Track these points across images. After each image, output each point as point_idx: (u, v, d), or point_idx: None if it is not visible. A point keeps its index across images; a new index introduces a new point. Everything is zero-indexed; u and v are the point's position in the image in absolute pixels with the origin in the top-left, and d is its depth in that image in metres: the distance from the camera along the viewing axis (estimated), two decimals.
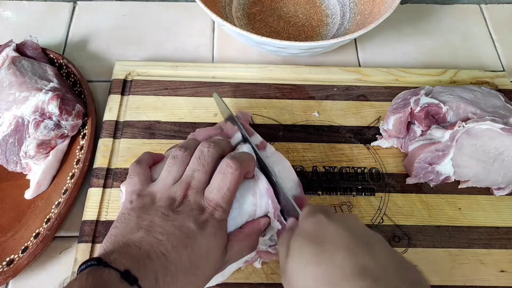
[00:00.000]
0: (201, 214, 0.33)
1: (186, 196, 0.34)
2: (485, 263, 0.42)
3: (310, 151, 0.48)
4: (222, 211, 0.33)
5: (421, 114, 0.45)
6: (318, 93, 0.52)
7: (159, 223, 0.31)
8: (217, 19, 0.47)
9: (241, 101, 0.51)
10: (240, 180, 0.35)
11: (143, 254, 0.29)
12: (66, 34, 0.60)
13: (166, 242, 0.30)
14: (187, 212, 0.32)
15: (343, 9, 0.61)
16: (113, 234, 0.31)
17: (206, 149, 0.36)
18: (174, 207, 0.33)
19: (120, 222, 0.32)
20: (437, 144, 0.43)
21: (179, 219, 0.32)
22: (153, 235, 0.30)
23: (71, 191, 0.43)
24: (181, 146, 0.37)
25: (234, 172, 0.34)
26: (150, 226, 0.31)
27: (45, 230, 0.41)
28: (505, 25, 0.63)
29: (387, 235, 0.43)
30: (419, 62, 0.58)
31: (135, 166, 0.36)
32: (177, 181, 0.35)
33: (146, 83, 0.52)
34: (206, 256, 0.32)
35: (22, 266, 0.40)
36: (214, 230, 0.33)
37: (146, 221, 0.31)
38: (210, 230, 0.32)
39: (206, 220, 0.33)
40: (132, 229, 0.31)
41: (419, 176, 0.45)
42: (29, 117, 0.43)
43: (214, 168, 0.35)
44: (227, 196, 0.34)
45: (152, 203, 0.33)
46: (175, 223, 0.32)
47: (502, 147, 0.42)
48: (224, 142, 0.39)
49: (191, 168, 0.35)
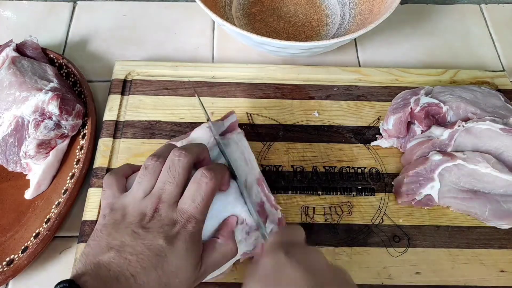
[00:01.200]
0: (172, 228, 0.32)
1: (157, 210, 0.33)
2: (485, 263, 0.42)
3: (310, 151, 0.48)
4: (195, 223, 0.33)
5: (421, 114, 0.45)
6: (318, 93, 0.52)
7: (129, 243, 0.31)
8: (217, 19, 0.47)
9: (241, 101, 0.51)
10: (214, 191, 0.34)
11: (112, 276, 0.29)
12: (66, 34, 0.60)
13: (135, 263, 0.30)
14: (157, 229, 0.32)
15: (343, 9, 0.61)
16: (85, 253, 0.31)
17: (177, 158, 0.34)
18: (145, 223, 0.32)
19: (93, 240, 0.32)
20: (435, 140, 0.43)
21: (149, 237, 0.31)
22: (123, 256, 0.30)
23: (71, 191, 0.43)
24: (154, 154, 0.36)
25: (209, 182, 0.33)
26: (120, 246, 0.31)
27: (45, 230, 0.41)
28: (505, 25, 0.63)
29: (387, 235, 0.43)
30: (419, 62, 0.58)
31: (108, 177, 0.36)
32: (148, 193, 0.34)
33: (146, 83, 0.52)
34: (176, 273, 0.31)
35: (22, 266, 0.40)
36: (186, 245, 0.32)
37: (116, 240, 0.31)
38: (181, 246, 0.32)
39: (177, 233, 0.32)
40: (103, 249, 0.31)
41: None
42: (29, 117, 0.43)
43: (186, 178, 0.34)
44: (201, 206, 0.33)
45: (123, 218, 0.33)
46: (144, 241, 0.31)
47: (502, 147, 0.42)
48: (197, 147, 0.37)
49: (161, 180, 0.34)
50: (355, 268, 0.41)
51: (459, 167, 0.42)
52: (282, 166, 0.47)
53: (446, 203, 0.43)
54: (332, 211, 0.44)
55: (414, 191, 0.43)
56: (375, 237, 0.43)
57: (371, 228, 0.44)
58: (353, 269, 0.41)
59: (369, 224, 0.44)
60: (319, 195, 0.45)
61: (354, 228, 0.44)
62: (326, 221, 0.44)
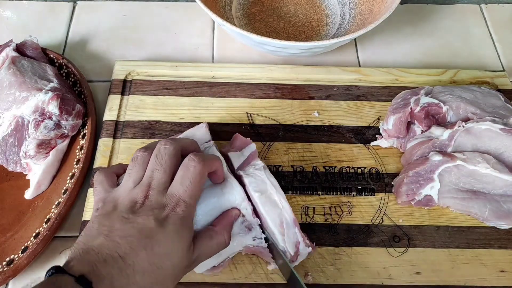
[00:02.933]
0: (162, 211, 0.32)
1: (147, 197, 0.33)
2: (485, 263, 0.42)
3: (310, 151, 0.48)
4: (185, 206, 0.33)
5: (421, 114, 0.45)
6: (318, 93, 0.52)
7: (119, 227, 0.31)
8: (217, 19, 0.47)
9: (241, 101, 0.51)
10: (203, 175, 0.35)
11: (99, 258, 0.29)
12: (66, 34, 0.60)
13: (124, 244, 0.30)
14: (147, 212, 0.32)
15: (343, 9, 0.61)
16: (76, 242, 0.31)
17: (163, 146, 0.35)
18: (136, 209, 0.32)
19: (85, 230, 0.32)
20: (435, 140, 0.43)
21: (139, 220, 0.32)
22: (112, 239, 0.30)
23: (71, 191, 0.43)
24: (142, 147, 0.37)
25: (196, 165, 0.34)
26: (110, 231, 0.31)
27: (45, 230, 0.41)
28: (505, 25, 0.63)
29: (387, 235, 0.43)
30: (419, 62, 0.58)
31: (98, 175, 0.36)
32: (138, 183, 0.34)
33: (146, 83, 0.52)
34: (168, 255, 0.32)
35: (22, 266, 0.40)
36: (176, 227, 0.32)
37: (106, 226, 0.31)
38: (171, 228, 0.32)
39: (167, 216, 0.32)
40: (93, 236, 0.31)
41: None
42: (29, 117, 0.43)
43: (175, 166, 0.35)
44: (189, 189, 0.33)
45: (114, 208, 0.33)
46: (134, 224, 0.31)
47: (502, 148, 0.42)
48: (185, 140, 0.38)
49: (150, 168, 0.35)
50: (355, 268, 0.41)
51: (459, 167, 0.42)
52: (282, 166, 0.47)
53: (446, 203, 0.43)
54: (332, 211, 0.44)
55: (413, 191, 0.43)
56: (375, 237, 0.43)
57: (371, 228, 0.44)
58: (353, 269, 0.41)
59: (369, 224, 0.44)
60: (319, 195, 0.45)
61: (354, 228, 0.44)
62: (326, 221, 0.44)
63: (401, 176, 0.45)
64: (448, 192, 0.43)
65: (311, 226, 0.43)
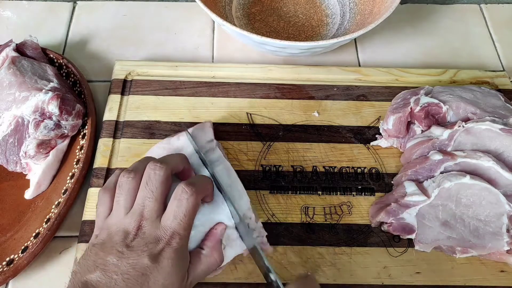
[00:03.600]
0: (156, 245, 0.32)
1: (140, 227, 0.33)
2: (485, 263, 0.42)
3: (310, 151, 0.48)
4: (179, 238, 0.33)
5: (421, 114, 0.45)
6: (318, 93, 0.52)
7: (114, 262, 0.31)
8: (217, 19, 0.47)
9: (241, 101, 0.51)
10: (197, 206, 0.34)
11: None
12: (66, 34, 0.60)
13: (121, 282, 0.30)
14: (142, 247, 0.32)
15: (343, 9, 0.61)
16: (74, 271, 0.32)
17: (153, 172, 0.34)
18: (128, 241, 0.32)
19: (83, 259, 0.32)
20: (435, 140, 0.43)
21: (133, 256, 0.31)
22: (108, 275, 0.30)
23: (71, 191, 0.43)
24: (126, 170, 0.35)
25: (189, 198, 0.33)
26: (105, 265, 0.31)
27: (45, 230, 0.41)
28: (505, 25, 0.63)
29: (387, 235, 0.43)
30: (419, 62, 0.58)
31: (102, 193, 0.35)
32: (130, 209, 0.34)
33: (146, 83, 0.52)
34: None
35: (22, 266, 0.40)
36: (171, 261, 0.32)
37: (101, 259, 0.31)
38: (166, 263, 0.32)
39: (162, 250, 0.32)
40: (90, 268, 0.31)
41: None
42: (29, 117, 0.43)
43: (166, 191, 0.34)
44: (184, 222, 0.33)
45: (109, 238, 0.33)
46: (129, 261, 0.31)
47: (501, 148, 0.42)
48: (174, 158, 0.37)
49: (141, 196, 0.34)
50: (355, 268, 0.41)
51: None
52: (282, 166, 0.47)
53: None
54: (332, 211, 0.44)
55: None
56: (375, 237, 0.43)
57: (371, 228, 0.44)
58: (353, 269, 0.41)
59: (369, 224, 0.44)
60: (319, 195, 0.45)
61: (354, 228, 0.44)
62: (326, 221, 0.44)
63: (400, 174, 0.45)
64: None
65: (311, 226, 0.43)
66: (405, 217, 0.41)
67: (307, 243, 0.43)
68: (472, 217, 0.40)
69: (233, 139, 0.48)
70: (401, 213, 0.41)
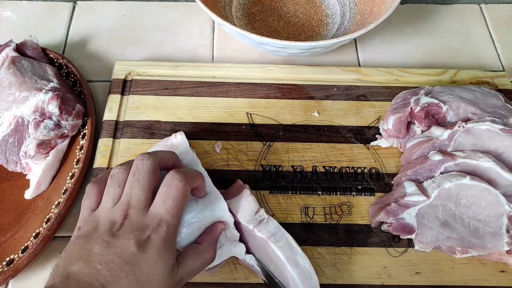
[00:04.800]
0: (143, 233, 0.31)
1: (127, 216, 0.32)
2: (485, 263, 0.42)
3: (310, 151, 0.48)
4: (167, 227, 0.32)
5: (421, 114, 0.45)
6: (318, 93, 0.52)
7: (99, 251, 0.30)
8: (217, 19, 0.47)
9: (241, 101, 0.51)
10: (186, 193, 0.33)
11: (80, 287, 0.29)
12: (66, 34, 0.60)
13: (105, 271, 0.29)
14: (128, 235, 0.31)
15: (343, 9, 0.61)
16: (56, 265, 0.31)
17: (140, 162, 0.34)
18: (114, 230, 0.31)
19: (65, 251, 0.31)
20: (435, 140, 0.43)
21: (119, 244, 0.31)
22: (92, 265, 0.30)
23: (71, 191, 0.43)
24: (120, 164, 0.35)
25: (179, 184, 0.33)
26: (89, 255, 0.30)
27: (45, 230, 0.41)
28: (505, 25, 0.63)
29: (387, 235, 0.43)
30: (419, 62, 0.58)
31: (90, 187, 0.35)
32: (117, 202, 0.33)
33: (146, 83, 0.52)
34: (150, 281, 0.30)
35: (22, 266, 0.40)
36: (158, 250, 0.31)
37: (85, 250, 0.31)
38: (153, 252, 0.31)
39: (148, 238, 0.31)
40: (73, 260, 0.30)
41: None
42: (29, 117, 0.43)
43: (154, 182, 0.34)
44: (172, 209, 0.32)
45: (94, 229, 0.32)
46: (115, 249, 0.30)
47: (501, 148, 0.42)
48: (164, 152, 0.37)
49: (128, 186, 0.33)
50: (355, 268, 0.41)
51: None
52: (282, 166, 0.47)
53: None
54: (332, 211, 0.44)
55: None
56: (375, 237, 0.43)
57: (371, 228, 0.44)
58: (353, 269, 0.41)
59: (369, 224, 0.44)
60: (319, 195, 0.45)
61: (354, 228, 0.44)
62: (326, 221, 0.44)
63: (400, 174, 0.45)
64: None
65: (311, 226, 0.43)
66: (405, 217, 0.41)
67: (307, 243, 0.43)
68: (472, 217, 0.40)
69: (233, 139, 0.49)
70: (401, 213, 0.41)
